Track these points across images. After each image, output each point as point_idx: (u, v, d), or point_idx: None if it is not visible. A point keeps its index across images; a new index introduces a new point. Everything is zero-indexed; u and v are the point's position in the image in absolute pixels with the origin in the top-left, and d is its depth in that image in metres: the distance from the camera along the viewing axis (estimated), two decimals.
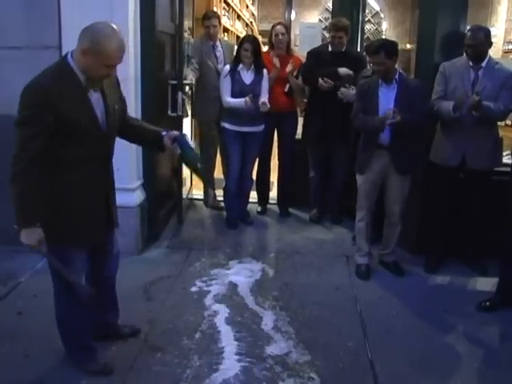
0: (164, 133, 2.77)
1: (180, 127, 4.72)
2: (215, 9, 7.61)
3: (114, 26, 2.39)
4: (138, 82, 4.24)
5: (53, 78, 2.38)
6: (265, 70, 4.81)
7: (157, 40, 4.31)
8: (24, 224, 2.39)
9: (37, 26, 3.99)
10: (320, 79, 4.64)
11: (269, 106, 4.62)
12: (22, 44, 4.00)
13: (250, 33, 11.98)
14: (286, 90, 5.01)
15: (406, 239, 4.30)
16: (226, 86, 4.76)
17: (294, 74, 5.00)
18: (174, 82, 4.60)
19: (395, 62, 3.81)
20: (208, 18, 5.25)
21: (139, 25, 4.15)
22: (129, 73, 4.08)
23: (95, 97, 2.49)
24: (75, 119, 2.39)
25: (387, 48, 3.74)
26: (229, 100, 4.74)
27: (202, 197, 5.76)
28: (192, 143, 2.91)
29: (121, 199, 4.20)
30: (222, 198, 5.32)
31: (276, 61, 4.96)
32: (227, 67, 4.82)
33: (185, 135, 2.93)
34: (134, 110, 4.22)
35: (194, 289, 3.78)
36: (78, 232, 2.57)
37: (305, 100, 5.11)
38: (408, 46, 10.93)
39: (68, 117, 2.36)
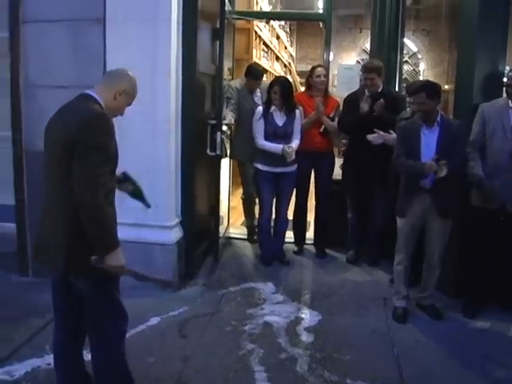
0: None
1: (218, 166, 4.79)
2: (254, 51, 7.74)
3: None
4: (178, 121, 4.34)
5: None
6: (297, 111, 4.85)
7: (197, 81, 4.42)
8: (112, 247, 2.37)
9: (83, 66, 4.15)
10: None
11: (293, 157, 4.69)
12: (69, 83, 4.12)
13: (289, 73, 12.13)
14: (322, 130, 5.04)
15: (444, 282, 4.20)
16: (259, 128, 4.81)
17: (331, 116, 5.04)
18: (214, 121, 4.68)
19: (437, 104, 3.79)
20: (255, 79, 5.34)
21: (181, 66, 4.28)
22: (170, 113, 4.20)
23: None
24: (116, 150, 2.49)
25: (428, 88, 3.74)
26: (263, 143, 4.79)
27: (238, 236, 5.80)
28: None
29: (159, 236, 4.28)
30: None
31: (319, 101, 4.96)
32: (259, 109, 4.87)
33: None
34: (174, 148, 4.31)
35: (228, 328, 3.77)
36: None
37: (343, 141, 5.11)
38: (446, 86, 10.91)
39: (115, 147, 2.48)
